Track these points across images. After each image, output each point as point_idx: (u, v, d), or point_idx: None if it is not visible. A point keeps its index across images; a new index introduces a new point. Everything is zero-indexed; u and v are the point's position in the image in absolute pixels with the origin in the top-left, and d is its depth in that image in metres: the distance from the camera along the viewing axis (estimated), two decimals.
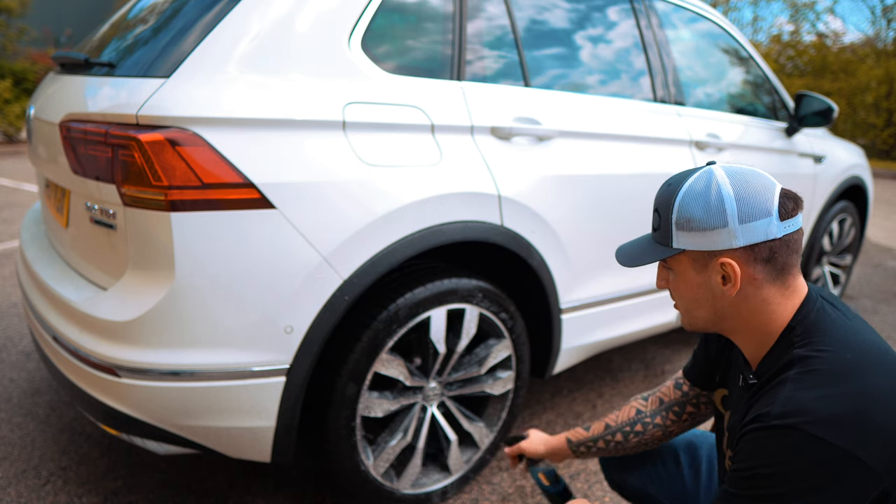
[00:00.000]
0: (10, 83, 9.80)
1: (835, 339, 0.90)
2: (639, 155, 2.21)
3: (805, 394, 0.84)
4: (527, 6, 2.01)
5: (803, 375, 0.86)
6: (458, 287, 1.74)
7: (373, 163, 1.53)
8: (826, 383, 0.84)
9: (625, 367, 2.94)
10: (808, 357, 0.88)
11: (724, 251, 0.93)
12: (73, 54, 1.70)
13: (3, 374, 2.56)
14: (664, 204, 0.98)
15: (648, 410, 1.33)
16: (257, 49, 1.45)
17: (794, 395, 0.84)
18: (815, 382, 0.85)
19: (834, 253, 3.74)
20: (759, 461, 0.84)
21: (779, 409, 0.84)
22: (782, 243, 0.91)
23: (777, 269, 0.93)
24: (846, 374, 0.84)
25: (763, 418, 0.85)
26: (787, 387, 0.86)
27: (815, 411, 0.81)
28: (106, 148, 1.37)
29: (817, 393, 0.83)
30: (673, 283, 1.03)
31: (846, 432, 0.80)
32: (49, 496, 1.85)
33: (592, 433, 1.38)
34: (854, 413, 0.81)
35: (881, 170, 11.50)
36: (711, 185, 0.93)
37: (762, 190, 0.91)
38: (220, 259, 1.37)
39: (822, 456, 0.80)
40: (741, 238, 0.91)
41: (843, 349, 0.88)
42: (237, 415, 1.47)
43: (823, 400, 0.82)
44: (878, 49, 15.24)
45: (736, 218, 0.90)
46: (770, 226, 0.90)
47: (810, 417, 0.81)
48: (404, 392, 1.76)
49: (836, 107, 2.94)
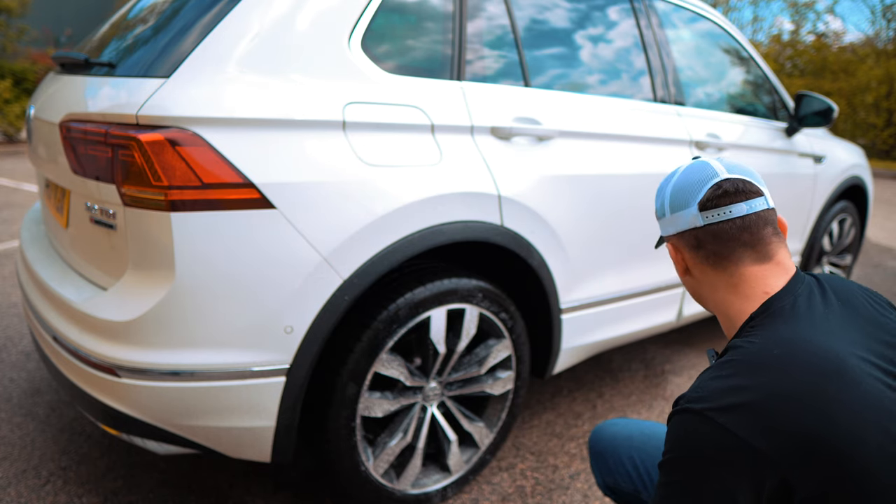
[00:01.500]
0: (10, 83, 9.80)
1: (775, 333, 0.89)
2: (639, 155, 2.21)
3: (718, 382, 0.86)
4: (527, 6, 2.01)
5: (724, 364, 0.89)
6: (458, 287, 1.74)
7: (373, 163, 1.53)
8: (739, 373, 0.86)
9: (625, 367, 2.94)
10: (737, 346, 0.91)
11: (669, 237, 1.07)
12: (73, 54, 1.70)
13: (3, 374, 2.56)
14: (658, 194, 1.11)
15: None
16: (257, 49, 1.45)
17: (707, 382, 0.87)
18: (730, 371, 0.87)
19: (834, 253, 3.74)
20: (669, 445, 0.87)
21: (690, 394, 0.87)
22: (706, 232, 0.99)
23: (710, 255, 1.01)
24: (761, 367, 0.85)
25: (679, 402, 0.89)
26: (707, 374, 0.90)
27: (720, 398, 0.83)
28: (106, 148, 1.37)
29: (727, 382, 0.85)
30: None
31: (747, 423, 0.80)
32: (49, 496, 1.85)
33: None
34: (758, 405, 0.81)
35: (881, 170, 11.50)
36: (670, 178, 1.06)
37: (696, 182, 1.00)
38: (220, 259, 1.37)
39: (721, 442, 0.81)
40: (671, 226, 1.04)
41: (773, 344, 0.87)
42: (237, 415, 1.47)
43: (732, 389, 0.84)
44: (878, 49, 15.23)
45: (669, 208, 1.04)
46: (690, 216, 1.00)
47: (714, 404, 0.83)
48: (404, 392, 1.76)
49: (836, 107, 2.94)
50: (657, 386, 2.77)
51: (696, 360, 3.07)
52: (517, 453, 2.19)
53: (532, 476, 2.08)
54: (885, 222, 7.09)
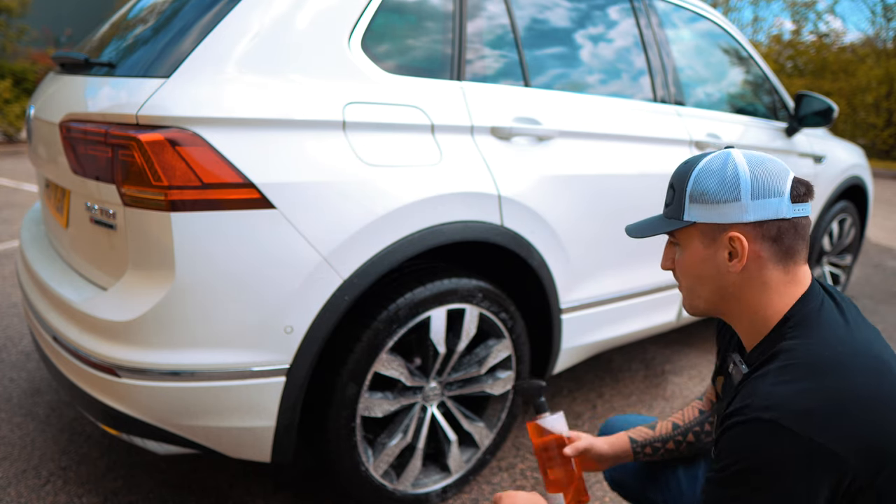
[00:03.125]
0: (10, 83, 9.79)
1: (823, 334, 0.90)
2: (639, 155, 2.21)
3: (784, 388, 0.85)
4: (527, 5, 2.01)
5: (784, 369, 0.88)
6: (458, 287, 1.74)
7: (373, 163, 1.53)
8: (804, 378, 0.85)
9: (625, 367, 2.94)
10: (793, 349, 0.90)
11: (734, 225, 0.95)
12: (73, 54, 1.70)
13: (3, 374, 2.56)
14: (680, 178, 1.00)
15: (707, 411, 1.32)
16: (257, 49, 1.45)
17: (773, 389, 0.86)
18: (794, 376, 0.86)
19: (834, 253, 3.74)
20: (738, 456, 0.86)
21: (758, 403, 0.85)
22: (791, 225, 0.93)
23: (783, 250, 0.94)
24: (826, 370, 0.86)
25: (743, 411, 0.87)
26: (768, 380, 0.88)
27: (791, 405, 0.83)
28: (106, 148, 1.37)
29: (795, 387, 0.85)
30: (679, 261, 1.04)
31: (820, 426, 0.81)
32: (49, 496, 1.85)
33: (660, 433, 1.32)
34: (828, 408, 0.82)
35: (881, 170, 11.50)
36: (728, 163, 0.96)
37: (777, 172, 0.94)
38: (220, 259, 1.37)
39: (798, 448, 0.81)
40: (752, 213, 0.93)
41: (828, 346, 0.89)
42: (237, 415, 1.47)
43: (801, 394, 0.84)
44: (878, 49, 15.23)
45: (749, 193, 0.93)
46: (781, 205, 0.92)
47: (786, 411, 0.82)
48: (404, 392, 1.76)
49: (836, 107, 2.94)
50: (657, 386, 2.77)
51: (696, 360, 3.07)
52: (517, 453, 2.19)
53: (532, 476, 2.08)
54: (885, 222, 7.09)
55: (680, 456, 1.32)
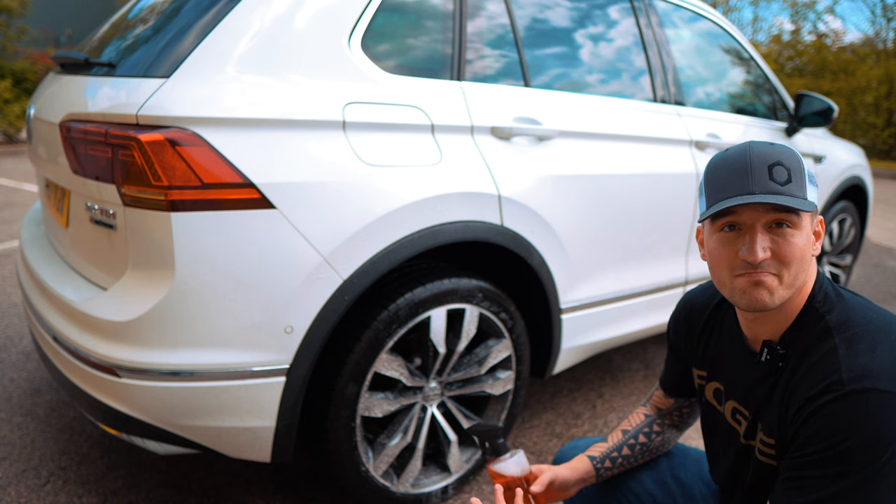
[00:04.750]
0: (10, 83, 9.80)
1: (850, 302, 0.95)
2: (639, 155, 2.21)
3: (863, 357, 0.87)
4: (527, 5, 2.01)
5: (850, 341, 0.89)
6: (458, 287, 1.74)
7: (373, 163, 1.53)
8: (877, 342, 0.88)
9: (625, 367, 2.94)
10: (843, 322, 0.92)
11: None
12: (73, 54, 1.70)
13: (3, 374, 2.56)
14: (791, 158, 0.92)
15: (653, 415, 1.33)
16: (257, 49, 1.45)
17: (854, 360, 0.87)
18: (866, 344, 0.88)
19: (834, 253, 3.74)
20: (845, 433, 0.84)
21: (847, 375, 0.85)
22: None
23: None
24: (888, 330, 0.89)
25: (833, 387, 0.86)
26: (841, 353, 0.88)
27: (880, 370, 0.85)
28: (106, 148, 1.37)
29: (873, 353, 0.87)
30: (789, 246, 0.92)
31: None
32: (49, 496, 1.85)
33: (613, 443, 1.29)
34: None
35: (881, 170, 11.50)
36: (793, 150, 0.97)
37: None
38: (221, 259, 1.37)
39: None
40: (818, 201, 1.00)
41: (866, 311, 0.93)
42: (237, 415, 1.47)
43: (881, 357, 0.86)
44: (878, 49, 15.23)
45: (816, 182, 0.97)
46: None
47: (879, 377, 0.84)
48: (404, 392, 1.76)
49: (836, 107, 2.94)
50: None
51: None
52: None
53: None
54: (885, 222, 7.09)
55: (636, 463, 1.30)
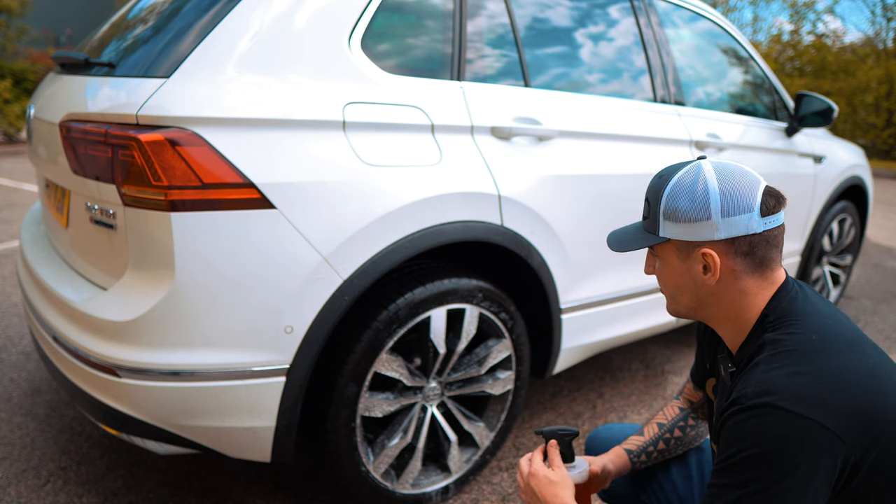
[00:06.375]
0: (10, 83, 9.80)
1: (803, 322, 0.95)
2: (639, 155, 2.21)
3: (776, 373, 0.88)
4: (527, 5, 2.01)
5: (773, 357, 0.91)
6: (458, 287, 1.74)
7: (373, 163, 1.53)
8: (795, 362, 0.89)
9: (625, 367, 2.94)
10: (778, 340, 0.93)
11: (706, 242, 0.98)
12: (73, 54, 1.70)
13: (3, 374, 2.56)
14: (654, 194, 1.04)
15: (687, 408, 1.34)
16: (257, 49, 1.45)
17: (765, 375, 0.89)
18: (784, 362, 0.89)
19: (834, 253, 3.74)
20: (742, 444, 0.87)
21: (752, 390, 0.88)
22: (762, 238, 0.97)
23: (756, 262, 0.98)
24: (813, 354, 0.90)
25: (739, 401, 0.89)
26: (760, 368, 0.91)
27: (786, 388, 0.86)
28: (106, 148, 1.37)
29: (787, 371, 0.88)
30: (659, 270, 1.09)
31: (817, 406, 0.84)
32: (49, 496, 1.85)
33: (649, 436, 1.32)
34: (822, 388, 0.86)
35: (881, 170, 11.50)
36: (699, 180, 0.98)
37: (747, 186, 0.96)
38: (221, 259, 1.37)
39: (799, 430, 0.83)
40: (723, 231, 0.96)
41: (810, 331, 0.93)
42: (237, 415, 1.47)
43: (794, 377, 0.87)
44: (878, 49, 15.23)
45: (719, 212, 0.96)
46: (751, 221, 0.96)
47: (783, 394, 0.85)
48: (404, 392, 1.76)
49: (836, 107, 2.94)
50: (657, 386, 2.77)
51: None
52: (517, 453, 2.19)
53: None
54: (885, 222, 7.09)
55: (671, 456, 1.33)
